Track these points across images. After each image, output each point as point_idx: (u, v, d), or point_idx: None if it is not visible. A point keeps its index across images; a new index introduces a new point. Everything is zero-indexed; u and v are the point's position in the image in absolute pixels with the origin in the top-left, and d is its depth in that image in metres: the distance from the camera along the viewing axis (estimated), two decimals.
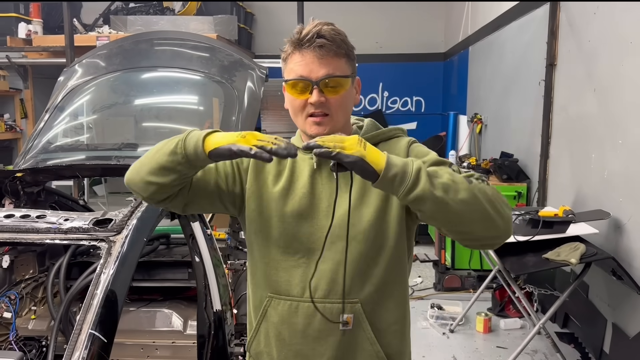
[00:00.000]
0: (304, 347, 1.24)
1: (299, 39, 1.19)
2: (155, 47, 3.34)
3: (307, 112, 1.21)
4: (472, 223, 1.08)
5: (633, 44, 2.79)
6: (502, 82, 5.14)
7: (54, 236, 1.34)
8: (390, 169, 1.03)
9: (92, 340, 1.08)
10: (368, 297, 1.22)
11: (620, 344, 2.90)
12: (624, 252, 2.84)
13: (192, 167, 1.15)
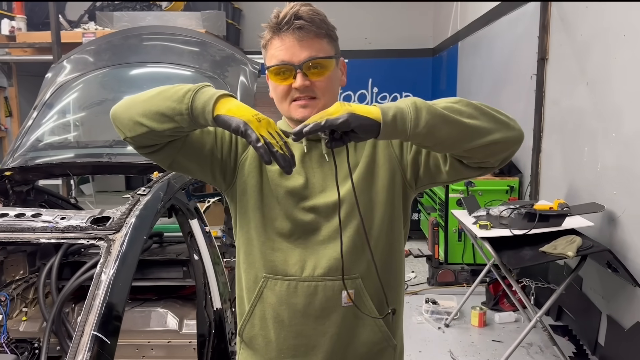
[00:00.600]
0: (305, 327, 1.20)
1: (277, 23, 1.14)
2: (145, 42, 3.29)
3: (292, 96, 1.17)
4: (492, 131, 1.03)
5: (627, 37, 2.79)
6: (493, 77, 5.15)
7: (50, 235, 1.30)
8: (387, 112, 0.98)
9: (95, 342, 1.05)
10: (367, 270, 1.19)
11: (615, 336, 2.92)
12: (618, 244, 2.85)
13: (192, 123, 1.07)
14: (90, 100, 3.00)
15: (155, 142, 1.13)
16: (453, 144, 1.03)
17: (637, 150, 2.72)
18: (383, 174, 1.20)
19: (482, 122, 1.03)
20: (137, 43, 3.26)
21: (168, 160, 1.19)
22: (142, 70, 3.15)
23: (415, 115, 0.99)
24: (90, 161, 2.60)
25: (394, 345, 1.26)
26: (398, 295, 1.27)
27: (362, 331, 1.21)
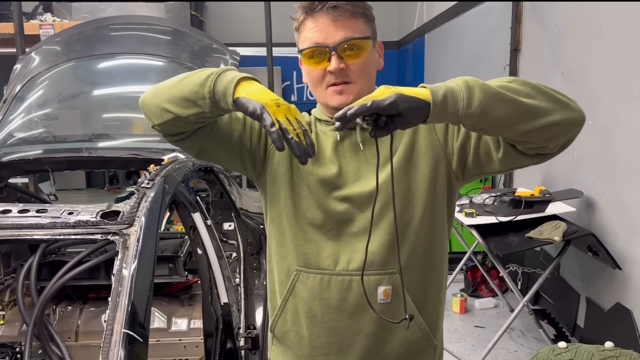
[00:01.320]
0: (339, 323, 1.14)
1: (311, 3, 1.08)
2: (120, 33, 3.17)
3: (327, 82, 1.10)
4: (550, 111, 0.95)
5: (602, 27, 2.87)
6: (464, 68, 5.22)
7: (61, 231, 1.23)
8: (437, 92, 0.91)
9: (126, 341, 1.00)
10: (406, 266, 1.12)
11: (595, 317, 3.02)
12: (597, 228, 2.94)
13: (214, 107, 1.03)
14: (65, 93, 2.87)
15: (182, 129, 1.10)
16: (509, 124, 0.95)
17: (613, 137, 2.81)
18: (424, 163, 1.13)
19: (540, 101, 0.95)
20: (111, 33, 3.14)
21: (196, 148, 1.15)
22: (117, 61, 3.04)
23: (468, 94, 0.92)
24: (70, 156, 2.49)
25: (434, 345, 1.20)
26: (439, 292, 1.20)
27: (400, 330, 1.14)
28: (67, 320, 2.60)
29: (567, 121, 0.98)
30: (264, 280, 2.58)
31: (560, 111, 0.97)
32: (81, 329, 2.59)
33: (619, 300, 2.79)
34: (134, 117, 3.01)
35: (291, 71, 8.04)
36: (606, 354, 2.24)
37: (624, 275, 2.74)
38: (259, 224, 2.69)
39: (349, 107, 0.92)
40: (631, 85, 2.64)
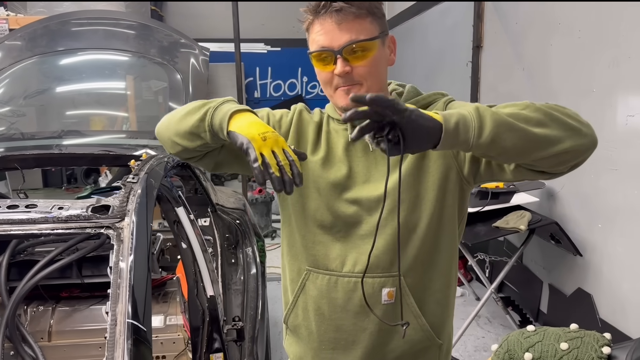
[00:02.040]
0: (344, 322, 1.20)
1: (316, 5, 1.09)
2: (86, 27, 3.11)
3: (336, 84, 1.12)
4: (560, 139, 0.96)
5: (561, 25, 3.01)
6: (427, 65, 5.34)
7: (54, 226, 1.22)
8: (449, 119, 0.91)
9: (131, 331, 1.01)
10: (410, 269, 1.16)
11: (557, 303, 3.16)
12: (558, 218, 3.08)
13: (215, 138, 1.09)
14: (31, 89, 2.80)
15: (195, 154, 1.18)
16: (519, 154, 0.96)
17: None
18: (435, 170, 1.14)
19: (552, 129, 0.95)
20: (76, 28, 3.08)
21: (211, 164, 1.23)
22: (84, 56, 2.98)
23: (479, 123, 0.92)
24: (40, 153, 2.44)
25: (438, 344, 1.23)
26: (445, 295, 1.22)
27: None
28: (39, 320, 2.54)
29: (577, 148, 0.98)
30: (241, 275, 2.60)
31: (571, 138, 0.97)
32: (54, 329, 2.54)
33: (580, 286, 2.94)
34: (103, 114, 2.97)
35: (254, 67, 8.02)
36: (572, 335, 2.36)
37: (584, 261, 2.88)
38: (234, 219, 2.70)
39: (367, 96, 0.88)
40: (589, 81, 2.78)
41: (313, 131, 1.22)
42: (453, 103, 1.18)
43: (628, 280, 2.55)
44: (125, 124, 2.83)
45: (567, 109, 1.01)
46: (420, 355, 1.23)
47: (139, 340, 1.01)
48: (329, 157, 1.19)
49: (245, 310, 2.48)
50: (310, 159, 1.19)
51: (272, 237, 5.58)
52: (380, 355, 1.21)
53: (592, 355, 2.16)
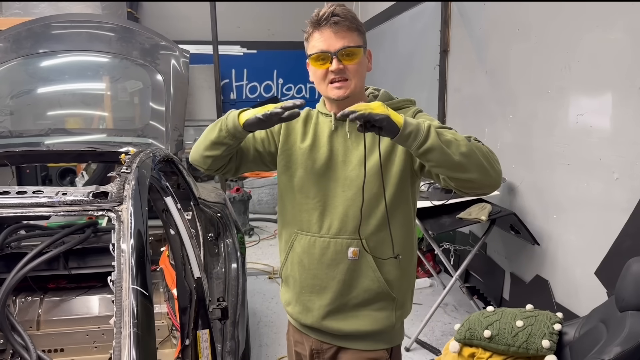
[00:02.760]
0: (319, 271, 1.52)
1: (317, 20, 1.42)
2: (70, 30, 3.22)
3: (329, 79, 1.44)
4: (470, 172, 1.28)
5: (520, 31, 3.25)
6: (397, 68, 5.56)
7: (60, 209, 1.36)
8: (407, 126, 1.26)
9: (137, 295, 1.16)
10: (372, 234, 1.48)
11: (518, 290, 3.40)
12: (519, 209, 3.32)
13: (235, 138, 1.44)
14: (17, 90, 2.91)
15: (221, 164, 1.54)
16: (439, 168, 1.30)
17: (530, 129, 3.18)
18: (399, 162, 1.46)
19: (467, 162, 1.27)
20: (60, 31, 3.19)
21: (233, 170, 1.59)
22: (69, 58, 3.10)
23: (425, 139, 1.25)
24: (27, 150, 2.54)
25: (392, 297, 1.52)
26: (400, 262, 1.51)
27: (364, 280, 1.50)
28: (27, 310, 2.66)
29: (480, 182, 1.31)
30: (223, 265, 2.75)
31: (478, 173, 1.29)
32: (42, 318, 2.66)
33: (538, 273, 3.17)
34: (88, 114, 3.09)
35: (230, 69, 8.14)
36: (527, 314, 2.59)
37: (542, 250, 3.11)
38: (216, 212, 2.85)
39: (352, 111, 1.24)
40: (545, 82, 3.01)
41: (301, 125, 1.57)
42: (420, 114, 1.52)
43: (580, 265, 2.79)
44: (101, 124, 2.96)
45: (491, 156, 1.34)
46: (376, 302, 1.53)
47: (144, 304, 1.16)
48: (315, 142, 1.53)
49: (227, 298, 2.64)
50: (299, 146, 1.54)
51: (250, 234, 5.73)
52: (345, 299, 1.52)
53: (544, 331, 2.39)
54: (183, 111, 3.16)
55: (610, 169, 2.51)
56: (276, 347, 3.23)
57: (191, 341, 1.81)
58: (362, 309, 1.53)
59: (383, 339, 1.57)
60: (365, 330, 1.54)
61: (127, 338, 1.08)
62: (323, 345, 1.61)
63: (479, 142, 1.35)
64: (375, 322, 1.53)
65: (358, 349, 1.56)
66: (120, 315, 1.12)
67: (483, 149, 1.33)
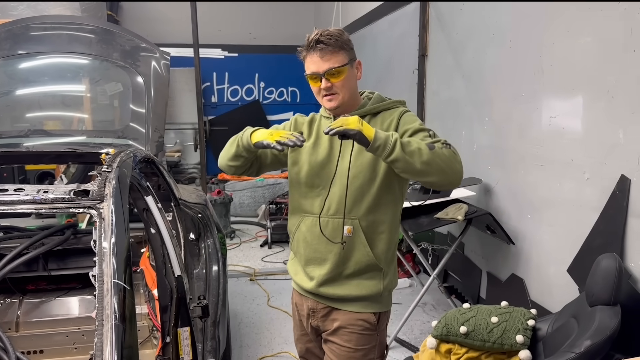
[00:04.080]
0: (319, 246, 1.80)
1: (307, 45, 1.68)
2: (50, 32, 3.22)
3: (322, 93, 1.72)
4: (431, 176, 1.58)
5: (495, 36, 3.33)
6: (377, 72, 5.63)
7: (41, 206, 1.38)
8: (376, 141, 1.54)
9: (118, 289, 1.18)
10: (363, 215, 1.75)
11: (494, 288, 3.47)
12: (494, 210, 3.39)
13: (250, 152, 1.80)
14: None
15: (243, 169, 1.89)
16: (404, 173, 1.60)
17: (505, 131, 3.26)
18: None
19: (428, 168, 1.55)
20: (40, 32, 3.19)
21: (255, 171, 1.93)
22: (49, 59, 3.09)
23: (390, 151, 1.54)
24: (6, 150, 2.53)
25: (379, 268, 1.79)
26: (388, 235, 1.79)
27: (356, 253, 1.77)
28: (6, 312, 2.65)
29: (440, 183, 1.62)
30: (204, 265, 2.77)
31: (438, 177, 1.58)
32: (21, 319, 2.65)
33: (513, 272, 3.24)
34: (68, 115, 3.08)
35: (211, 72, 8.15)
36: (502, 310, 2.65)
37: (517, 249, 3.19)
38: (197, 213, 2.87)
39: (331, 129, 1.54)
40: (518, 86, 3.09)
41: (306, 127, 1.87)
42: (405, 116, 1.75)
43: (553, 264, 2.87)
44: (80, 125, 2.96)
45: (452, 161, 1.58)
46: (366, 272, 1.79)
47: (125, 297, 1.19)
48: (317, 141, 1.82)
49: (208, 298, 2.65)
50: (306, 145, 1.81)
51: (231, 237, 5.74)
52: (340, 269, 1.79)
53: (518, 327, 2.46)
54: (164, 113, 3.17)
55: (582, 169, 2.59)
56: (257, 348, 3.25)
57: (172, 338, 1.83)
58: (354, 278, 1.79)
59: (371, 303, 1.81)
60: (356, 295, 1.79)
61: (109, 331, 1.11)
62: (318, 305, 1.86)
63: (447, 145, 1.61)
64: (364, 288, 1.79)
65: (349, 310, 1.81)
66: (102, 309, 1.14)
67: (444, 155, 1.57)
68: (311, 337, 1.97)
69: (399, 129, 1.72)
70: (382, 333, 1.88)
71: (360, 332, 1.80)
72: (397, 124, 1.73)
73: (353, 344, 1.80)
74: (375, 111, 1.77)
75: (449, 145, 1.61)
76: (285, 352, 3.21)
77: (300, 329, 2.01)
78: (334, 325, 1.83)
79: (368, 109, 1.77)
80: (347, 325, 1.80)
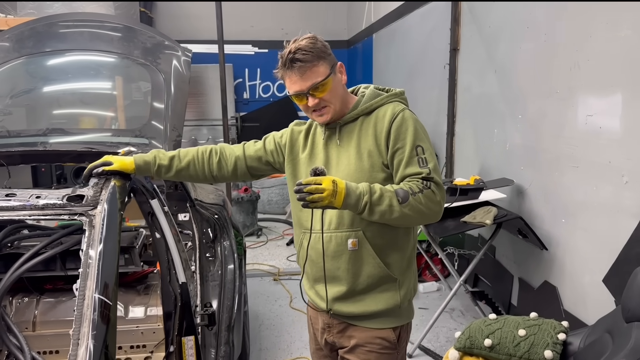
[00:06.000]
0: (326, 263, 1.67)
1: (283, 64, 1.57)
2: (71, 30, 3.21)
3: (311, 110, 1.63)
4: (406, 224, 1.61)
5: (529, 29, 3.14)
6: (408, 67, 5.47)
7: (31, 212, 1.33)
8: (346, 206, 1.50)
9: (98, 304, 1.12)
10: (367, 226, 1.62)
11: (526, 295, 3.29)
12: (526, 213, 3.21)
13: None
14: (17, 89, 2.90)
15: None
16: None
17: (539, 130, 3.08)
18: (378, 159, 1.63)
19: (400, 222, 1.56)
20: (62, 30, 3.18)
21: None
22: (69, 58, 3.08)
23: (360, 213, 1.53)
24: (25, 150, 2.53)
25: (394, 278, 1.67)
26: (397, 243, 1.67)
27: (366, 267, 1.65)
28: (24, 311, 2.65)
29: (417, 225, 1.70)
30: (219, 267, 2.71)
31: (413, 223, 1.62)
32: (38, 319, 2.64)
33: (546, 279, 3.07)
34: (88, 113, 3.07)
35: (243, 69, 8.12)
36: (530, 322, 2.49)
37: (550, 255, 3.01)
38: (213, 214, 2.81)
39: (301, 189, 1.47)
40: (553, 82, 2.91)
41: (302, 137, 1.76)
42: (397, 125, 1.60)
43: (588, 272, 2.68)
44: (113, 124, 2.94)
45: (425, 207, 1.52)
46: (380, 285, 1.67)
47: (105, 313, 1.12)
48: (312, 151, 1.73)
49: (223, 301, 2.59)
50: (301, 156, 1.74)
51: (258, 235, 5.69)
52: (352, 286, 1.66)
53: (547, 341, 2.30)
54: (183, 111, 3.11)
55: (620, 171, 2.41)
56: (275, 352, 3.18)
57: (176, 348, 1.77)
58: (368, 292, 1.67)
59: (390, 318, 1.70)
60: (372, 311, 1.68)
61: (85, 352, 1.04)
62: (334, 321, 1.76)
63: (427, 182, 1.52)
64: (380, 303, 1.67)
65: (366, 327, 1.70)
66: (80, 326, 1.07)
67: (419, 203, 1.51)
68: (326, 352, 1.88)
69: (390, 144, 1.60)
70: (403, 350, 1.78)
71: (379, 351, 1.70)
72: (387, 133, 1.60)
73: None
74: (368, 110, 1.66)
75: (429, 181, 1.53)
76: (304, 357, 3.13)
77: (315, 343, 1.92)
78: (350, 342, 1.73)
79: (360, 109, 1.66)
80: (365, 343, 1.70)
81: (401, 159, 1.58)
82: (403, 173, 1.57)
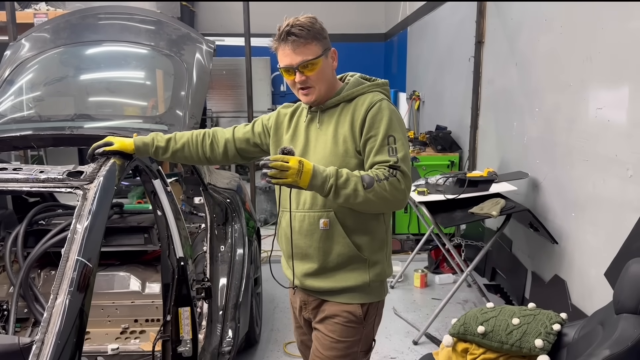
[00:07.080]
0: (299, 240, 1.75)
1: (278, 36, 1.61)
2: (103, 22, 3.40)
3: (297, 87, 1.67)
4: (369, 210, 1.64)
5: (547, 21, 3.12)
6: (437, 60, 5.46)
7: (32, 185, 1.48)
8: (312, 187, 1.56)
9: (79, 266, 1.25)
10: (339, 208, 1.68)
11: (538, 289, 3.28)
12: (541, 207, 3.20)
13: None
14: (50, 77, 3.12)
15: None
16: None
17: (555, 123, 3.06)
18: (352, 145, 1.69)
19: (363, 207, 1.61)
20: (94, 22, 3.38)
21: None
22: (100, 48, 3.28)
23: (326, 195, 1.58)
24: (54, 134, 2.73)
25: (363, 258, 1.74)
26: (366, 227, 1.73)
27: (336, 246, 1.72)
28: (50, 283, 2.86)
29: (380, 211, 1.71)
30: (229, 249, 2.84)
31: (375, 209, 1.65)
32: None
33: (556, 273, 3.05)
34: (115, 101, 3.26)
35: None
36: (526, 312, 2.51)
37: (560, 249, 3.00)
38: (225, 198, 2.94)
39: (267, 165, 1.51)
40: (567, 75, 2.88)
41: (287, 119, 1.82)
42: (373, 114, 1.64)
43: (595, 267, 2.66)
44: (123, 111, 3.11)
45: (389, 195, 1.57)
46: (350, 264, 1.74)
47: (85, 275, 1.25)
48: (295, 133, 1.79)
49: (231, 281, 2.72)
50: (284, 137, 1.80)
51: None
52: (323, 263, 1.74)
53: (540, 330, 2.32)
54: (202, 100, 3.26)
55: (625, 165, 2.38)
56: (286, 333, 3.29)
57: (172, 317, 1.90)
58: (338, 270, 1.74)
59: (358, 294, 1.76)
60: (341, 287, 1.74)
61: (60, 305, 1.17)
62: (309, 298, 1.83)
63: (394, 170, 1.57)
64: (349, 280, 1.74)
65: (336, 301, 1.77)
66: (60, 282, 1.21)
67: (383, 190, 1.56)
68: (305, 329, 1.95)
69: (364, 131, 1.65)
70: (369, 326, 1.82)
71: (344, 324, 1.77)
72: (362, 121, 1.65)
73: (337, 334, 1.77)
74: (349, 97, 1.70)
75: (396, 169, 1.58)
76: None
77: (295, 321, 2.01)
78: (322, 315, 1.82)
79: (342, 96, 1.70)
80: (333, 315, 1.78)
81: (372, 147, 1.63)
82: (372, 160, 1.62)
